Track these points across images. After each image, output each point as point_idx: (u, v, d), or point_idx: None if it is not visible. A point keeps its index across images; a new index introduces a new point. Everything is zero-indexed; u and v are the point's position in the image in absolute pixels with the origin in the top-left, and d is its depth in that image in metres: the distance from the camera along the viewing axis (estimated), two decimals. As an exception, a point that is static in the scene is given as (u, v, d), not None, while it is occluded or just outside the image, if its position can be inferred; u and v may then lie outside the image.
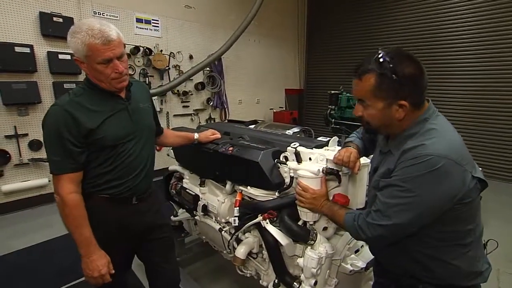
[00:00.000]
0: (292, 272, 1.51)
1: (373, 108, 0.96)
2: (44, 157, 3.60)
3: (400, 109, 0.92)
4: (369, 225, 0.97)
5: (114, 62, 1.16)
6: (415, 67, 0.90)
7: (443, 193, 0.86)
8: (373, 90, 0.93)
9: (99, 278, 1.21)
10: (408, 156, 0.89)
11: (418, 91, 0.92)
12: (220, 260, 2.33)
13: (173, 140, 1.73)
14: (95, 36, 1.09)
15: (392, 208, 0.91)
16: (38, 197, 3.68)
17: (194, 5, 5.10)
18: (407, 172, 0.88)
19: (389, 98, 0.92)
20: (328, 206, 1.20)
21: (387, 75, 0.89)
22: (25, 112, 3.47)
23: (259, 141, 1.75)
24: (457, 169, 0.85)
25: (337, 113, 4.56)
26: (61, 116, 1.13)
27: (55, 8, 3.59)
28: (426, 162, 0.84)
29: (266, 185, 1.48)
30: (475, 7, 4.89)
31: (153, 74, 4.66)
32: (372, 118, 0.99)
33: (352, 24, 6.54)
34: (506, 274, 2.41)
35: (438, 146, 0.86)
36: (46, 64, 3.55)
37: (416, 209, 0.88)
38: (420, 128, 0.93)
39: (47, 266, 2.49)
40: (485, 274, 0.99)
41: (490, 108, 4.88)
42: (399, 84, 0.89)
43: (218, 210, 1.79)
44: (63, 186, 1.16)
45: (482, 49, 4.86)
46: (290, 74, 7.46)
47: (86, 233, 1.19)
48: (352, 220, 1.04)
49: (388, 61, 0.89)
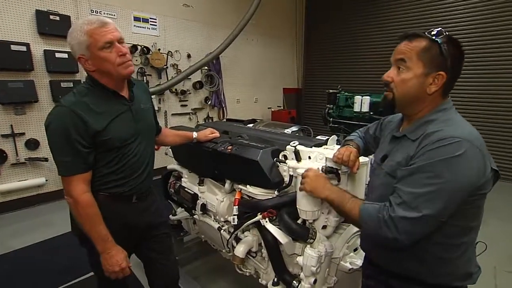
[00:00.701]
0: (291, 270, 1.51)
1: (411, 71, 0.92)
2: (41, 157, 3.59)
3: (436, 80, 0.91)
4: (395, 220, 0.85)
5: (116, 45, 1.17)
6: (461, 51, 0.92)
7: (469, 178, 0.82)
8: (420, 52, 0.91)
9: (119, 272, 1.24)
10: (433, 138, 0.85)
11: (457, 75, 0.93)
12: (219, 259, 2.33)
13: (172, 139, 1.73)
14: (92, 22, 1.13)
15: (420, 197, 0.83)
16: (35, 197, 3.67)
17: (192, 4, 5.08)
18: (433, 155, 0.83)
19: (432, 65, 0.90)
20: (335, 190, 1.07)
21: (439, 44, 0.89)
22: (22, 111, 3.44)
23: (258, 140, 1.75)
24: (480, 156, 0.83)
25: (335, 112, 4.56)
26: (69, 116, 1.13)
27: (51, 6, 3.56)
28: (453, 145, 0.82)
29: (265, 183, 1.48)
30: (469, 7, 4.94)
31: (151, 73, 4.65)
32: (403, 84, 0.94)
33: (350, 24, 6.54)
34: (503, 272, 2.43)
35: (462, 131, 0.85)
36: (43, 62, 3.53)
37: (445, 196, 0.82)
38: (439, 116, 0.93)
39: (46, 265, 2.48)
40: (474, 277, 0.97)
41: (485, 107, 4.92)
42: (446, 57, 0.89)
43: (217, 209, 1.79)
44: (75, 187, 1.16)
45: (476, 49, 4.90)
46: (288, 73, 7.46)
47: (102, 230, 1.20)
48: (376, 212, 0.91)
49: (443, 35, 0.90)
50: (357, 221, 0.97)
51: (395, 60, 0.97)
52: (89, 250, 1.33)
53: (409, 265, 0.96)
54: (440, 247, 0.92)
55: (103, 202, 1.24)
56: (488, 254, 1.16)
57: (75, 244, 1.40)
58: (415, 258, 0.95)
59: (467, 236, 0.93)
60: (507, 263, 2.53)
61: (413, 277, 0.96)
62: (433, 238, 0.90)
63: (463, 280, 0.96)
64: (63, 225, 3.04)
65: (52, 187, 3.77)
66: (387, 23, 5.97)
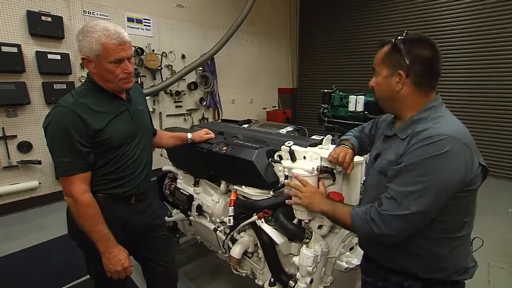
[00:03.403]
0: (287, 270, 1.51)
1: (379, 76, 1.01)
2: (34, 159, 3.54)
3: (400, 80, 0.95)
4: (383, 217, 0.90)
5: (125, 63, 1.19)
6: (429, 49, 0.94)
7: (455, 174, 0.85)
8: (383, 57, 1.00)
9: (122, 271, 1.24)
10: (420, 137, 0.88)
11: (424, 72, 0.94)
12: (215, 260, 2.32)
13: (167, 141, 1.72)
14: (111, 36, 1.13)
15: (409, 196, 0.87)
16: (29, 200, 3.61)
17: (186, 5, 5.07)
18: (419, 153, 0.86)
19: (392, 67, 0.96)
20: (329, 203, 1.12)
21: (398, 45, 0.95)
22: (14, 113, 3.39)
23: (253, 140, 1.75)
24: (467, 152, 0.86)
25: (330, 112, 4.58)
26: (69, 117, 1.13)
27: (43, 7, 3.52)
28: (438, 143, 0.84)
29: (260, 184, 1.48)
30: (461, 7, 5.02)
31: (145, 74, 4.62)
32: (377, 87, 1.03)
33: (344, 24, 6.59)
34: (495, 268, 2.47)
35: (449, 128, 0.87)
36: (35, 64, 3.48)
37: (433, 192, 0.85)
38: (428, 115, 0.95)
39: (39, 269, 2.44)
40: (471, 271, 0.99)
41: (472, 106, 5.00)
42: (404, 55, 0.93)
43: (213, 210, 1.78)
44: (75, 187, 1.16)
45: (467, 48, 4.98)
46: (283, 73, 7.48)
47: (103, 230, 1.20)
48: (364, 214, 0.95)
49: (403, 36, 0.96)
50: (351, 227, 1.01)
51: (373, 68, 1.06)
52: (87, 254, 1.32)
53: (405, 260, 0.99)
54: (434, 243, 0.94)
55: (101, 203, 1.23)
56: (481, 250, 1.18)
57: (68, 247, 1.39)
58: (410, 254, 0.97)
59: (461, 231, 0.94)
60: (500, 258, 2.57)
61: (410, 272, 0.98)
62: (427, 234, 0.93)
63: (459, 275, 0.97)
64: (56, 228, 3.02)
65: (45, 190, 3.71)
66: (381, 23, 6.02)
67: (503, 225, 3.23)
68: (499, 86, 4.75)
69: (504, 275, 2.41)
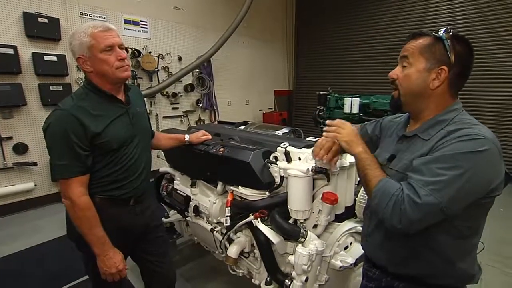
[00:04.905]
0: (283, 269, 1.53)
1: (413, 67, 0.93)
2: (29, 161, 3.52)
3: (439, 76, 0.90)
4: (412, 201, 0.81)
5: (116, 50, 1.22)
6: (469, 48, 0.91)
7: (487, 176, 0.82)
8: (422, 48, 0.92)
9: (116, 274, 1.25)
10: (456, 135, 0.84)
11: (462, 73, 0.91)
12: (212, 261, 2.34)
13: (165, 142, 1.73)
14: (97, 25, 1.19)
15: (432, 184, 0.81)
16: (24, 202, 3.59)
17: (183, 7, 5.09)
18: (456, 147, 0.82)
19: (433, 61, 0.90)
20: (368, 150, 1.02)
21: (442, 41, 0.90)
22: (9, 115, 3.38)
23: (249, 141, 1.78)
24: (499, 158, 0.84)
25: (326, 114, 4.63)
26: (68, 120, 1.15)
27: (40, 9, 3.52)
28: (477, 141, 0.81)
29: (256, 184, 1.50)
30: (452, 8, 5.12)
31: (142, 75, 4.62)
32: (407, 80, 0.95)
33: (340, 26, 6.65)
34: (487, 266, 2.50)
35: (485, 131, 0.84)
36: (31, 65, 3.47)
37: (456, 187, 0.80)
38: (451, 117, 0.91)
39: (35, 271, 2.43)
40: (476, 277, 0.97)
41: (472, 105, 5.06)
42: (449, 52, 0.89)
43: (210, 211, 1.80)
44: (73, 189, 1.17)
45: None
46: (279, 76, 7.52)
47: (99, 232, 1.21)
48: (393, 189, 0.86)
49: (448, 32, 0.91)
50: (371, 189, 0.93)
51: (400, 58, 0.98)
52: (86, 255, 1.33)
53: (417, 265, 0.95)
54: (451, 249, 0.91)
55: (100, 205, 1.24)
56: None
57: (65, 249, 1.39)
58: (424, 258, 0.94)
59: (473, 238, 0.93)
60: (492, 258, 2.62)
61: (419, 279, 0.95)
62: (443, 240, 0.90)
63: (466, 282, 0.96)
64: (52, 230, 3.00)
65: (41, 192, 3.69)
66: (376, 25, 6.10)
67: (495, 225, 3.28)
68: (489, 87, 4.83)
69: (496, 274, 2.45)
